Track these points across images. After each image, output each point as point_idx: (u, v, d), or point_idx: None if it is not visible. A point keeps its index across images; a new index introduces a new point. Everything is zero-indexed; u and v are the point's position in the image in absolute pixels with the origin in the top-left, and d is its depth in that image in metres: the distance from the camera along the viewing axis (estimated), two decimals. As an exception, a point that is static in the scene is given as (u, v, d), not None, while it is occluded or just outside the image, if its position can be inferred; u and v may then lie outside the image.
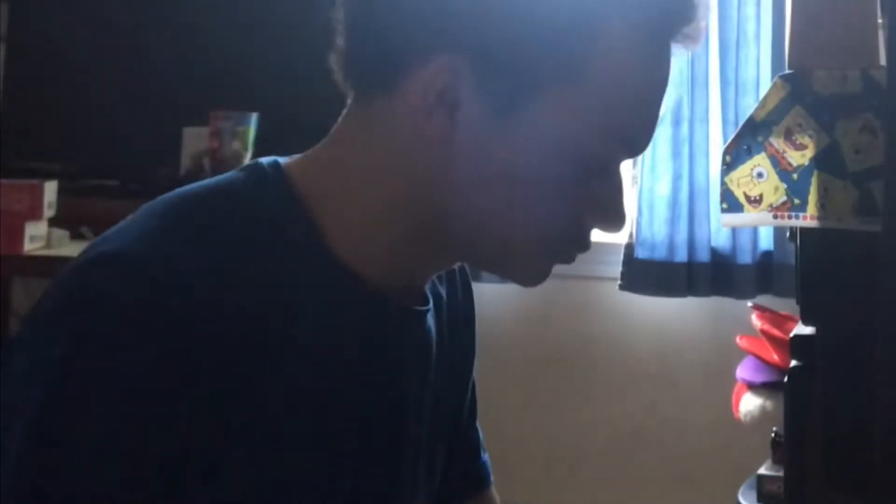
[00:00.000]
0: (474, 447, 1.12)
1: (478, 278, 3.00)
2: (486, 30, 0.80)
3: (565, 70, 0.80)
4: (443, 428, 1.00)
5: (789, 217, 1.43)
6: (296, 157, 0.89)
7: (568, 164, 0.82)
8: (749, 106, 2.49)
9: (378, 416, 0.88)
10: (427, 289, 0.93)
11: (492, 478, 1.13)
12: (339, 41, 0.86)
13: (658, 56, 0.84)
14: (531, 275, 0.89)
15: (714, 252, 2.68)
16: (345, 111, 0.88)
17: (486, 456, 1.13)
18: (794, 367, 1.43)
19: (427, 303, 0.92)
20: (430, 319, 0.94)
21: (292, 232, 0.84)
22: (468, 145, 0.81)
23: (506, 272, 0.90)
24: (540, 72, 0.80)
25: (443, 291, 0.99)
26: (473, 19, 0.80)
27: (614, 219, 0.86)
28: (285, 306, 0.81)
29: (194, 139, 2.41)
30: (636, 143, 0.86)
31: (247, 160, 2.49)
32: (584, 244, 0.88)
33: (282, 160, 0.88)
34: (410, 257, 0.87)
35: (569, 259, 0.88)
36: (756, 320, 2.09)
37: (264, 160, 0.88)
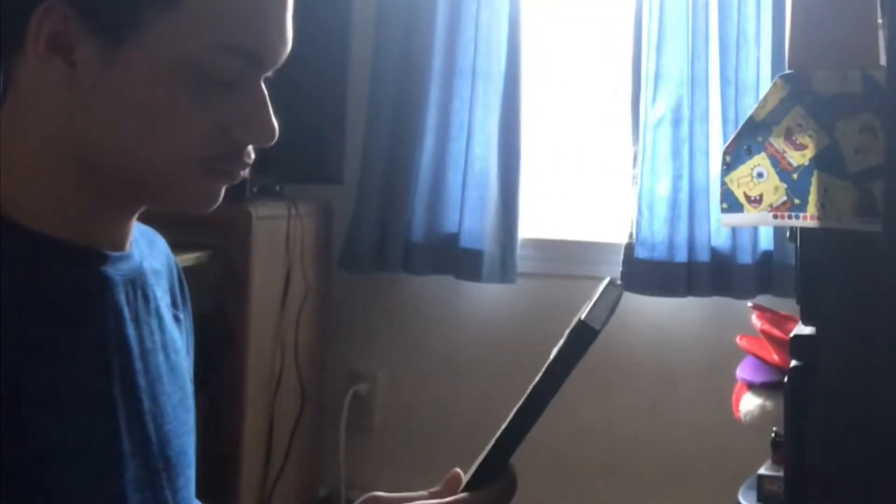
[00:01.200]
0: None
1: (478, 278, 3.03)
2: None
3: None
4: (184, 383, 1.03)
5: (789, 217, 1.43)
6: None
7: (188, 84, 0.86)
8: (749, 106, 2.49)
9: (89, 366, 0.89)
10: (139, 241, 0.98)
11: None
12: None
13: None
14: (199, 198, 0.92)
15: (714, 252, 2.68)
16: None
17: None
18: (794, 367, 1.43)
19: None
20: (146, 266, 0.98)
21: None
22: (91, 84, 0.86)
23: (175, 202, 0.93)
24: (138, 2, 0.85)
25: (146, 250, 1.03)
26: None
27: (261, 130, 0.91)
28: None
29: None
30: (259, 55, 0.90)
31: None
32: (240, 160, 0.92)
33: None
34: (89, 206, 0.91)
35: (231, 176, 0.93)
36: (756, 320, 2.09)
37: None
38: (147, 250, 1.02)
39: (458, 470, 0.99)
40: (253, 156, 0.93)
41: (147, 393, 0.94)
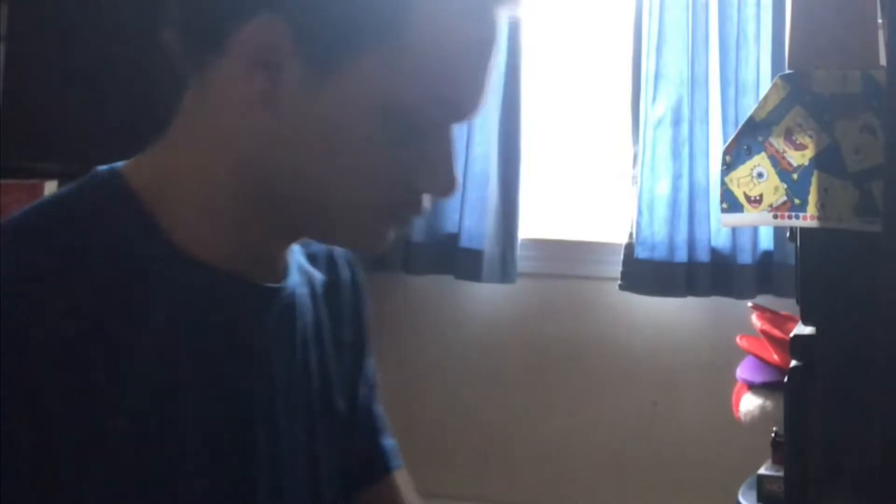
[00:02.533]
0: (374, 430, 1.11)
1: (478, 278, 3.02)
2: None
3: (384, 30, 0.81)
4: (333, 406, 1.00)
5: (789, 217, 1.43)
6: (136, 156, 0.90)
7: (390, 126, 0.83)
8: (749, 106, 2.49)
9: (231, 405, 0.87)
10: (294, 267, 0.95)
11: (395, 462, 1.12)
12: (174, 14, 0.86)
13: (480, 19, 0.85)
14: (368, 241, 0.90)
15: (714, 252, 2.68)
16: (185, 94, 0.89)
17: (389, 440, 1.12)
18: (794, 367, 1.43)
19: (282, 280, 0.92)
20: (300, 294, 0.95)
21: (128, 231, 0.84)
22: (290, 107, 0.82)
23: (345, 240, 0.91)
24: (358, 32, 0.81)
25: (316, 273, 1.00)
26: None
27: (445, 182, 0.88)
28: (129, 308, 0.81)
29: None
30: (462, 107, 0.87)
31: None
32: (418, 208, 0.89)
33: (121, 164, 0.89)
34: (252, 233, 0.87)
35: (404, 223, 0.90)
36: (756, 320, 2.09)
37: (103, 167, 0.88)
38: (308, 272, 0.99)
39: None
40: (428, 206, 0.90)
41: (284, 430, 0.92)
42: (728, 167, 1.46)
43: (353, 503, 1.05)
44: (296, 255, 0.98)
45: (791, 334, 1.45)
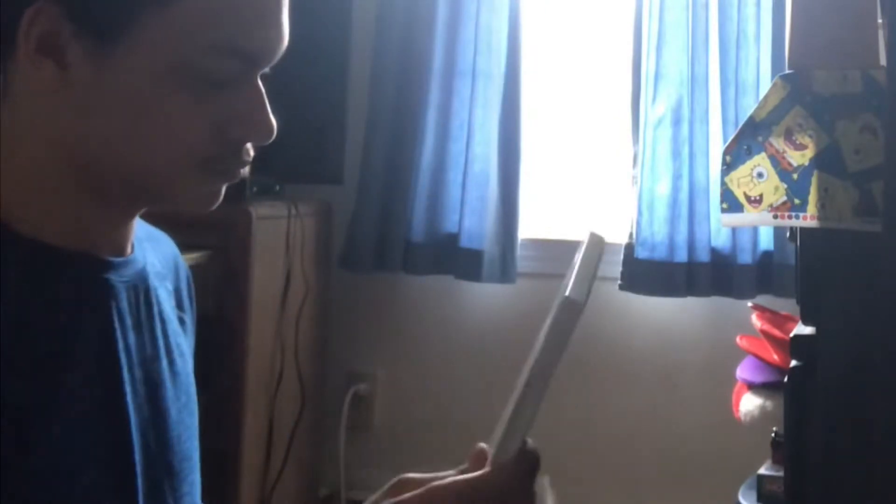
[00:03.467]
0: None
1: (478, 278, 3.02)
2: None
3: None
4: (190, 379, 1.02)
5: (789, 217, 1.43)
6: None
7: (185, 83, 0.85)
8: (749, 106, 2.49)
9: (101, 384, 0.88)
10: (139, 244, 0.97)
11: None
12: None
13: None
14: (199, 199, 0.91)
15: (714, 252, 2.68)
16: None
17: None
18: (794, 367, 1.43)
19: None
20: (151, 265, 0.97)
21: None
22: (84, 86, 0.85)
23: (175, 203, 0.92)
24: (129, 2, 0.83)
25: (151, 252, 1.01)
26: None
27: (258, 127, 0.89)
28: None
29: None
30: (255, 53, 0.88)
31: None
32: (239, 158, 0.90)
33: None
34: (85, 209, 0.89)
35: (231, 176, 0.91)
36: (756, 320, 2.09)
37: None
38: (151, 251, 1.01)
39: (482, 445, 0.98)
40: (252, 154, 0.92)
41: (149, 400, 0.93)
42: (728, 167, 1.46)
43: None
44: (142, 241, 1.00)
45: (791, 334, 1.45)
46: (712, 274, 2.67)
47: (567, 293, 0.89)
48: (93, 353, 0.88)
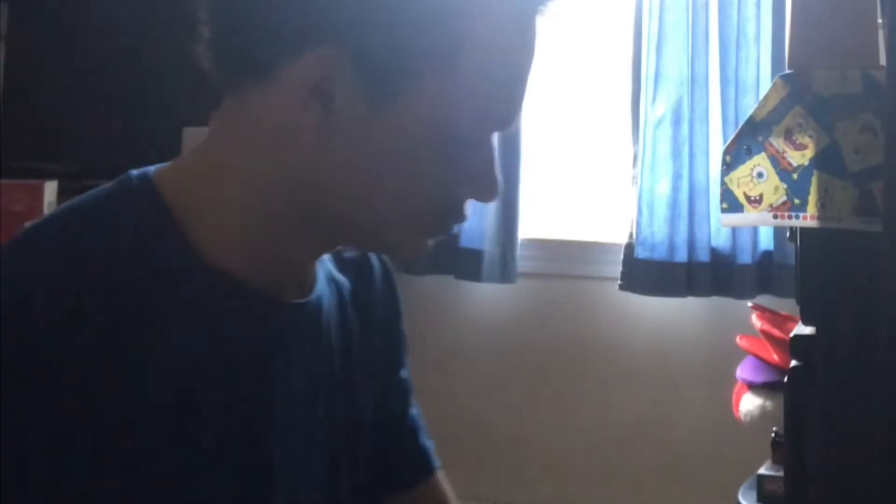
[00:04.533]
0: (412, 433, 1.11)
1: (478, 278, 3.01)
2: (362, 22, 0.80)
3: (439, 60, 0.81)
4: (359, 415, 1.00)
5: (789, 217, 1.43)
6: (168, 163, 0.90)
7: (442, 147, 0.84)
8: (749, 106, 2.49)
9: (248, 414, 0.87)
10: (321, 276, 0.95)
11: (436, 464, 1.12)
12: (206, 32, 0.85)
13: (526, 34, 0.86)
14: (410, 250, 0.90)
15: (714, 252, 2.68)
16: (219, 110, 0.88)
17: (427, 442, 1.12)
18: (794, 367, 1.43)
19: (308, 293, 0.92)
20: (327, 306, 0.95)
21: (158, 241, 0.84)
22: (343, 135, 0.82)
23: (387, 251, 0.92)
24: (414, 61, 0.81)
25: (343, 279, 1.00)
26: (348, 10, 0.80)
27: (488, 189, 0.88)
28: (154, 318, 0.81)
29: (194, 139, 2.41)
30: (508, 118, 0.88)
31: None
32: (461, 216, 0.90)
33: (152, 169, 0.88)
34: (286, 248, 0.88)
35: (446, 232, 0.91)
36: (756, 320, 2.09)
37: (135, 171, 0.88)
38: (331, 274, 0.98)
39: None
40: (469, 213, 0.91)
41: (305, 446, 0.92)
42: (728, 167, 1.46)
43: None
44: (325, 264, 0.97)
45: (791, 334, 1.45)
46: (712, 274, 2.67)
47: None
48: (247, 400, 0.86)
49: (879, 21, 1.41)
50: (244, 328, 0.86)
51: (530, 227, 2.91)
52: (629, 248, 2.72)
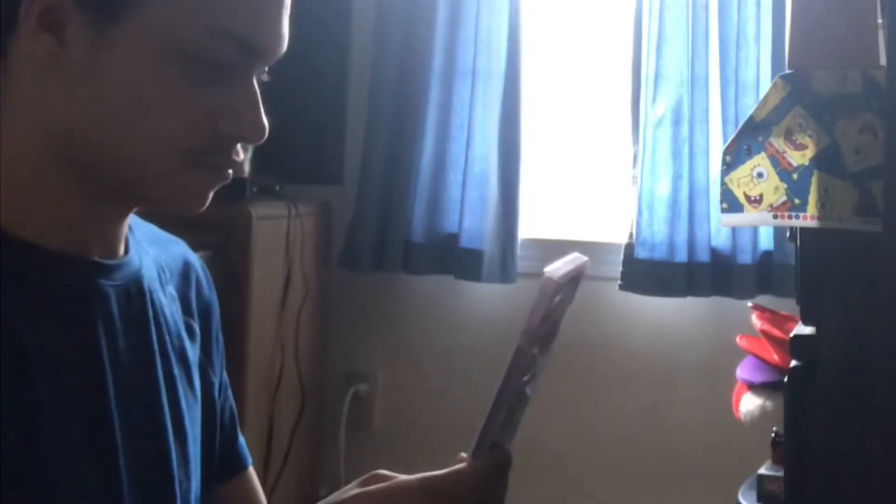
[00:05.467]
0: (233, 427, 1.12)
1: (478, 278, 3.02)
2: None
3: None
4: (192, 383, 1.00)
5: (789, 217, 1.43)
6: None
7: (182, 67, 0.84)
8: (749, 106, 2.49)
9: (82, 379, 0.87)
10: (135, 248, 0.95)
11: (250, 459, 1.14)
12: None
13: None
14: (186, 194, 0.89)
15: (714, 252, 2.68)
16: None
17: (242, 437, 1.14)
18: (794, 367, 1.43)
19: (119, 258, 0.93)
20: (147, 267, 0.95)
21: None
22: (79, 65, 0.84)
23: (162, 199, 0.90)
24: None
25: (165, 260, 1.01)
26: None
27: (249, 125, 0.88)
28: None
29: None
30: (256, 46, 0.87)
31: (247, 160, 2.49)
32: (229, 155, 0.89)
33: None
34: (74, 207, 0.88)
35: (220, 174, 0.90)
36: (756, 320, 2.09)
37: None
38: (153, 254, 1.00)
39: (464, 454, 0.98)
40: (242, 155, 0.91)
41: (142, 405, 0.92)
42: (728, 167, 1.46)
43: (212, 497, 1.06)
44: (143, 245, 0.98)
45: (791, 334, 1.45)
46: (712, 274, 2.67)
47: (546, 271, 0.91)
48: (75, 359, 0.87)
49: (879, 21, 1.41)
50: (55, 289, 0.87)
51: (530, 227, 2.91)
52: (629, 248, 2.72)
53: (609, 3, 2.95)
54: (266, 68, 0.91)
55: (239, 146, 0.90)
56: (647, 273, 2.69)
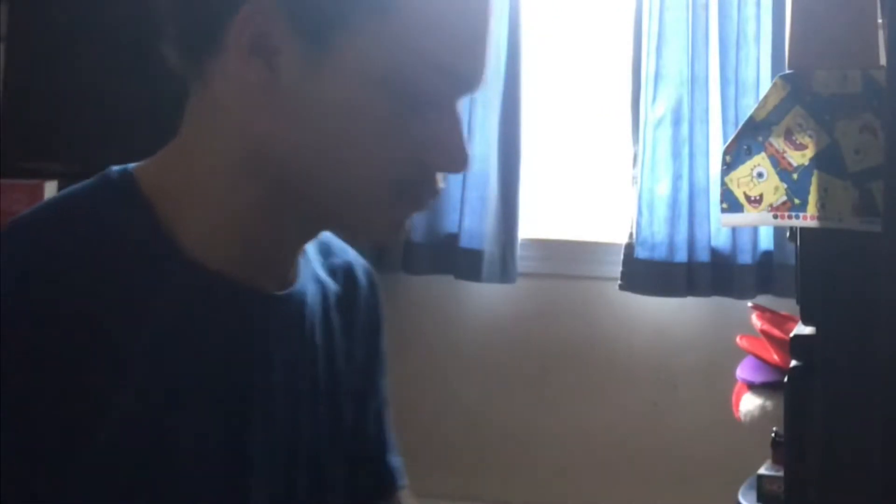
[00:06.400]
0: (381, 449, 1.10)
1: (478, 278, 3.01)
2: None
3: (370, 4, 0.81)
4: (341, 414, 0.99)
5: (789, 217, 1.43)
6: (149, 159, 0.89)
7: (392, 98, 0.83)
8: (749, 106, 2.49)
9: (227, 407, 0.87)
10: (307, 274, 0.94)
11: (401, 482, 1.11)
12: (168, 24, 0.86)
13: None
14: (383, 226, 0.89)
15: (714, 252, 2.68)
16: (189, 97, 0.88)
17: (395, 460, 1.11)
18: (794, 367, 1.43)
19: (290, 288, 0.92)
20: (311, 303, 0.94)
21: (136, 234, 0.84)
22: (291, 91, 0.82)
23: (359, 227, 0.89)
24: (349, 6, 0.81)
25: (330, 281, 0.99)
26: None
27: (455, 156, 0.87)
28: (131, 310, 0.81)
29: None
30: (463, 76, 0.86)
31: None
32: (432, 187, 0.88)
33: (133, 165, 0.89)
34: (263, 234, 0.87)
35: (420, 204, 0.89)
36: (756, 320, 2.09)
37: (116, 167, 0.89)
38: (321, 269, 0.98)
39: None
40: (443, 185, 0.90)
41: (283, 443, 0.91)
42: (728, 167, 1.46)
43: None
44: (312, 265, 0.97)
45: (791, 334, 1.45)
46: (712, 274, 2.67)
47: None
48: (224, 395, 0.86)
49: (879, 21, 1.41)
50: (222, 320, 0.86)
51: (530, 227, 2.91)
52: (629, 248, 2.72)
53: (609, 3, 2.95)
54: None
55: (441, 175, 0.89)
56: (647, 273, 2.69)
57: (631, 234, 2.73)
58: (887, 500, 1.24)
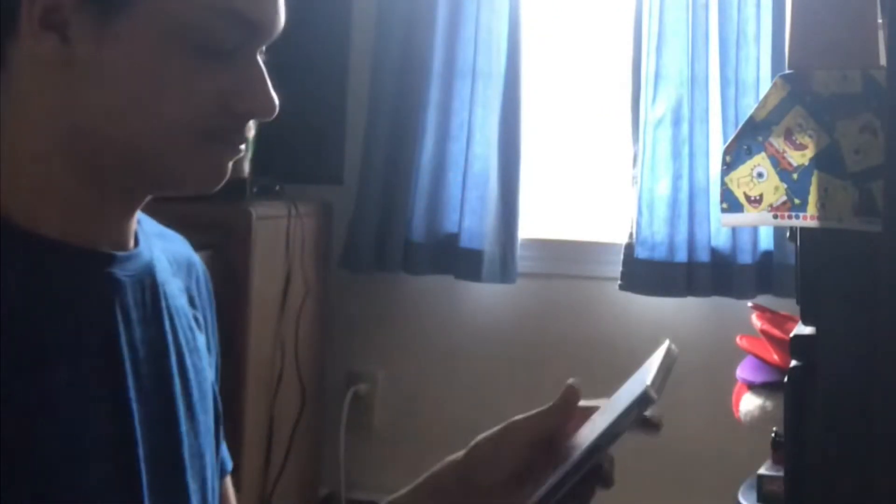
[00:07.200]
0: (219, 432, 1.11)
1: (478, 278, 3.02)
2: None
3: None
4: (203, 374, 1.01)
5: (789, 217, 1.43)
6: None
7: (188, 50, 0.85)
8: (749, 106, 2.49)
9: (100, 372, 0.88)
10: (144, 239, 0.96)
11: (229, 466, 1.15)
12: None
13: None
14: (204, 172, 0.91)
15: (714, 252, 2.68)
16: None
17: (224, 443, 1.13)
18: (794, 367, 1.43)
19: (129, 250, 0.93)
20: (159, 259, 0.96)
21: None
22: (85, 61, 0.85)
23: (180, 181, 0.91)
24: None
25: (170, 256, 1.01)
26: None
27: (261, 101, 0.89)
28: None
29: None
30: (257, 22, 0.88)
31: (247, 159, 2.49)
32: (241, 132, 0.90)
33: None
34: (89, 199, 0.88)
35: (233, 148, 0.91)
36: (756, 320, 2.09)
37: None
38: (160, 248, 1.00)
39: (572, 381, 1.06)
40: (253, 131, 0.92)
41: (157, 395, 0.93)
42: (728, 167, 1.46)
43: None
44: (150, 240, 0.99)
45: (791, 334, 1.45)
46: (712, 274, 2.67)
47: (647, 384, 0.95)
48: (95, 349, 0.88)
49: (879, 21, 1.41)
50: (69, 282, 0.87)
51: (530, 227, 2.91)
52: (629, 248, 2.72)
53: (609, 2, 2.95)
54: (265, 47, 0.92)
55: (251, 122, 0.92)
56: (647, 273, 2.69)
57: (631, 234, 2.73)
58: (887, 500, 1.24)
